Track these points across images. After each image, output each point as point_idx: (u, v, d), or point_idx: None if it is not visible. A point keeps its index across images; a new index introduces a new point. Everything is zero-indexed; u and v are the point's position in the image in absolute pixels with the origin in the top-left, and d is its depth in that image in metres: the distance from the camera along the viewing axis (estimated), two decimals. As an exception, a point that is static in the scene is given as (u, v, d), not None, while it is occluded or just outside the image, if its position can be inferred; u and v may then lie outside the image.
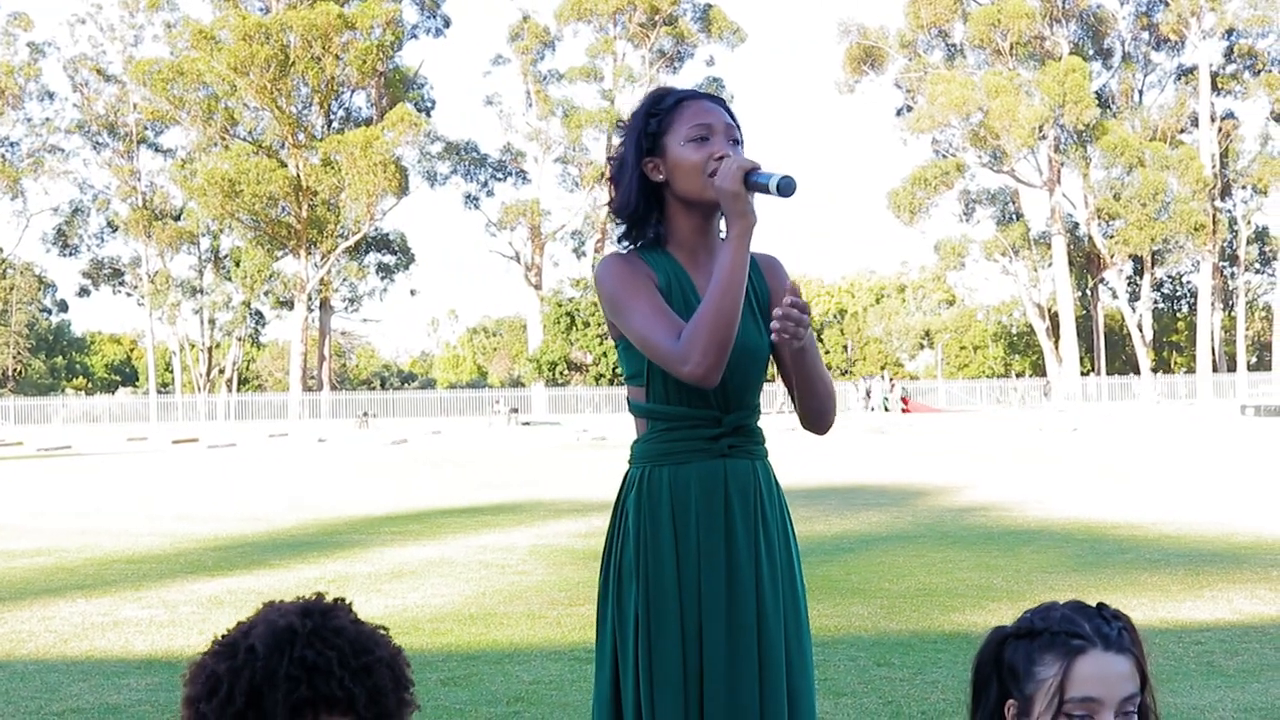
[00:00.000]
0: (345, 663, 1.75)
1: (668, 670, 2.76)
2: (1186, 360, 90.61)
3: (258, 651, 1.74)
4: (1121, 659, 2.07)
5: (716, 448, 2.85)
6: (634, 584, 2.82)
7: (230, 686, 1.73)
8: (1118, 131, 75.33)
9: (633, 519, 2.85)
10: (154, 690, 6.31)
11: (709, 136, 2.84)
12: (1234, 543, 11.29)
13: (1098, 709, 2.04)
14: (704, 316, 2.69)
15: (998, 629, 2.22)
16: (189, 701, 1.80)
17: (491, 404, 68.24)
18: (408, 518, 15.07)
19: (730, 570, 2.79)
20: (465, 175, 78.19)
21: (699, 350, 2.67)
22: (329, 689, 1.72)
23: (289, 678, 1.72)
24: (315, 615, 1.81)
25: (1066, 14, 78.21)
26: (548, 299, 76.47)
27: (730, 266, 2.70)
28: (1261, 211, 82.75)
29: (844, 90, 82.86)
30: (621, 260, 2.91)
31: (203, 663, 1.80)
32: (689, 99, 2.91)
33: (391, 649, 1.84)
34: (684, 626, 2.77)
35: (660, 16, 76.68)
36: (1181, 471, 20.77)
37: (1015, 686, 2.13)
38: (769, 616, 2.80)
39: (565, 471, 23.51)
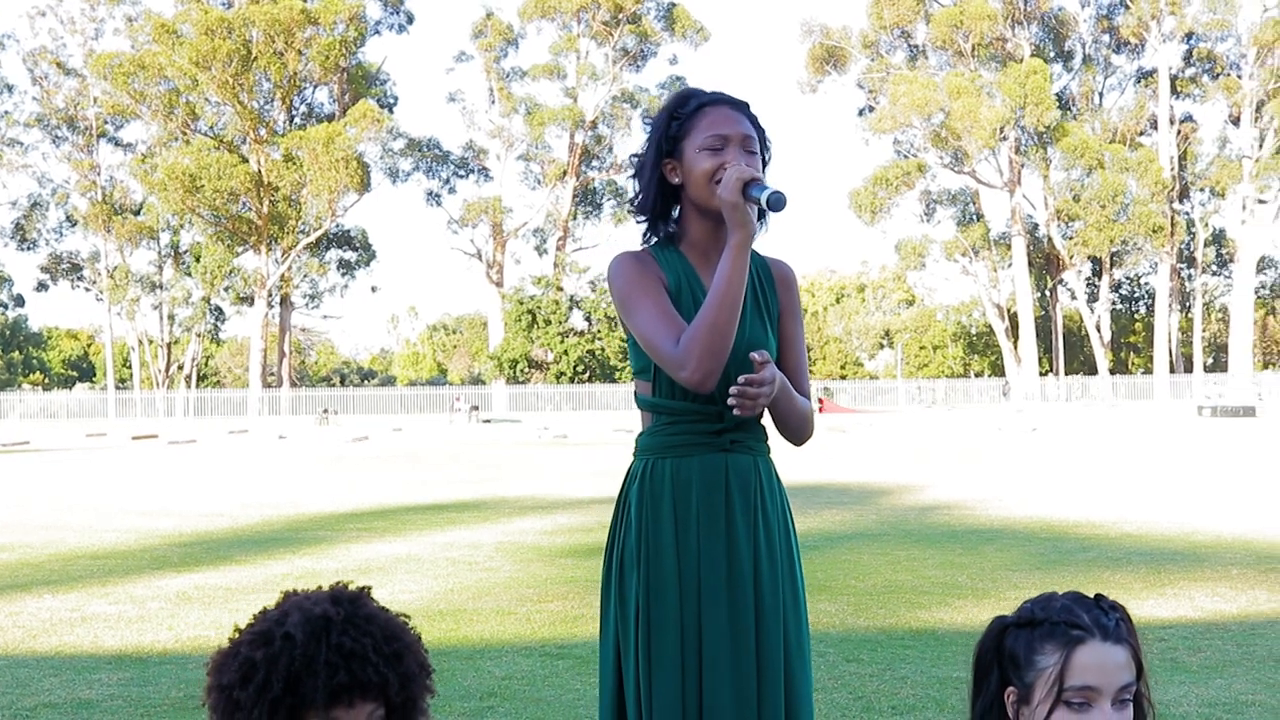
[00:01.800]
0: (379, 649, 1.80)
1: (666, 659, 2.80)
2: (1144, 361, 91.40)
3: (295, 639, 1.78)
4: (1119, 649, 2.13)
5: (719, 442, 2.90)
6: (635, 574, 2.87)
7: (267, 673, 1.76)
8: (1078, 133, 75.84)
9: (635, 510, 2.90)
10: (125, 685, 6.30)
11: (723, 147, 2.88)
12: (1194, 541, 11.42)
13: (1096, 697, 2.09)
14: (700, 325, 2.74)
15: (999, 618, 2.27)
16: (221, 689, 1.83)
17: (452, 401, 68.12)
18: (372, 514, 15.06)
19: (730, 563, 2.84)
20: (427, 172, 78.10)
21: (695, 357, 2.73)
22: (365, 675, 1.77)
23: (328, 664, 1.76)
24: (345, 603, 1.85)
25: (1028, 16, 78.70)
26: (509, 296, 76.39)
27: (728, 277, 2.76)
28: (1219, 214, 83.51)
29: (806, 90, 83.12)
30: (633, 259, 2.97)
31: (235, 650, 1.83)
32: (711, 104, 2.95)
33: (415, 635, 1.89)
34: (683, 616, 2.82)
35: (624, 15, 76.71)
36: (1140, 471, 20.96)
37: (1016, 675, 2.18)
38: (767, 609, 2.84)
39: (528, 469, 23.52)
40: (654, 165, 2.97)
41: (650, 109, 79.51)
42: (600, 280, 77.39)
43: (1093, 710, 2.09)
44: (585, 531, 12.97)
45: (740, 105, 2.98)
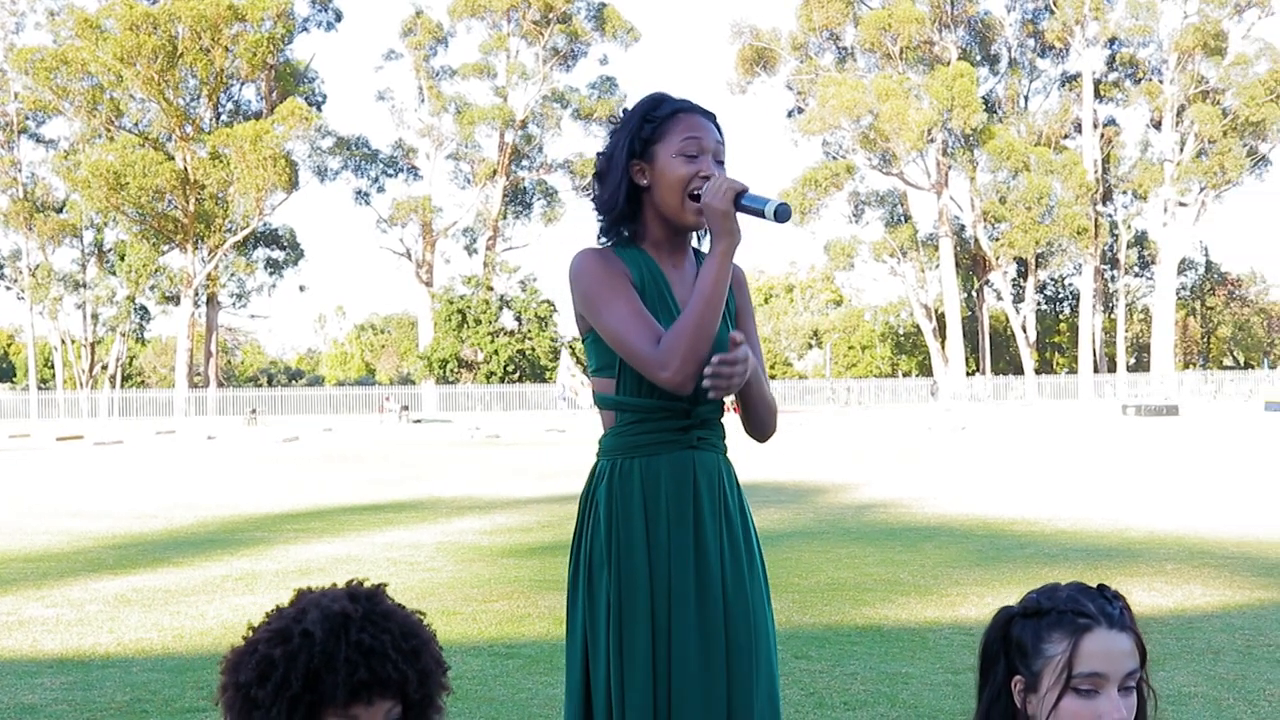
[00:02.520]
0: (398, 646, 1.79)
1: (637, 656, 2.81)
2: (1068, 361, 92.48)
3: (314, 636, 1.76)
4: (1124, 636, 2.17)
5: (686, 439, 2.91)
6: (605, 572, 2.87)
7: (286, 671, 1.75)
8: (1004, 136, 76.68)
9: (604, 509, 2.90)
10: (69, 689, 6.22)
11: (698, 154, 2.90)
12: (1127, 538, 11.59)
13: (1103, 683, 2.13)
14: (685, 328, 2.76)
15: (1004, 609, 2.31)
16: (238, 687, 1.81)
17: (381, 401, 67.73)
18: (308, 515, 14.95)
19: (699, 561, 2.85)
20: (356, 171, 77.64)
21: (678, 359, 2.74)
22: (385, 672, 1.76)
23: (348, 661, 1.74)
24: (363, 600, 1.84)
25: (955, 20, 79.44)
26: (439, 296, 76.04)
27: (713, 281, 2.78)
28: (1141, 216, 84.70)
29: (736, 91, 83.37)
30: (598, 256, 2.95)
31: (252, 648, 1.82)
32: (685, 111, 2.96)
33: (430, 632, 1.88)
34: (654, 614, 2.82)
35: (554, 14, 76.60)
36: (1069, 470, 21.23)
37: (1023, 663, 2.22)
38: (734, 605, 2.86)
39: (462, 469, 23.44)
40: (623, 166, 2.96)
41: (580, 108, 79.58)
42: (530, 280, 77.25)
43: (1100, 696, 2.13)
44: (525, 531, 12.96)
45: (710, 115, 3.01)
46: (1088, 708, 2.13)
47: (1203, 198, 78.82)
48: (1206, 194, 78.52)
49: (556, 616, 7.97)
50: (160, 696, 6.02)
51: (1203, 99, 77.14)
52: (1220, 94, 77.42)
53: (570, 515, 14.49)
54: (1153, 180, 78.72)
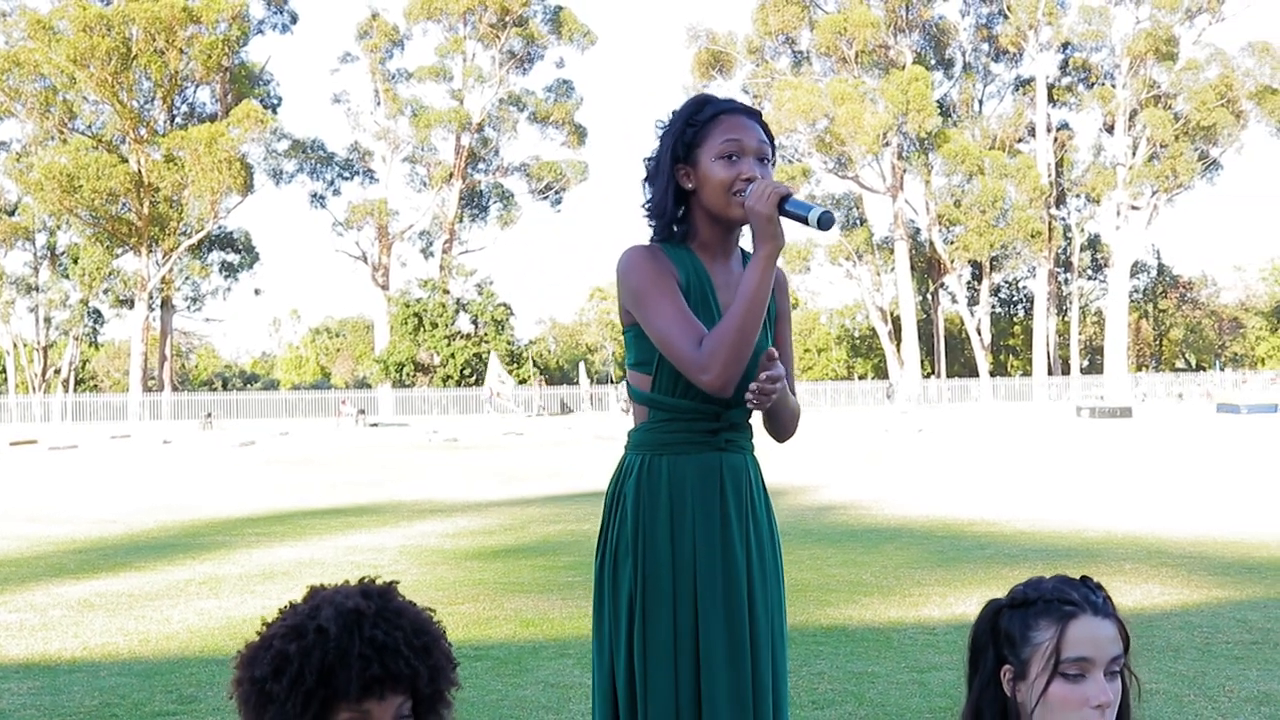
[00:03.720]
0: (409, 642, 1.82)
1: (659, 647, 2.86)
2: (1022, 363, 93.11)
3: (329, 632, 1.80)
4: (1108, 623, 2.25)
5: (715, 441, 2.96)
6: (629, 562, 2.93)
7: (301, 665, 1.78)
8: (958, 140, 77.12)
9: (631, 503, 2.95)
10: (37, 694, 6.21)
11: (738, 155, 2.94)
12: (1085, 539, 11.73)
13: (1090, 668, 2.21)
14: (727, 332, 2.80)
15: (992, 601, 2.38)
16: (253, 682, 1.84)
17: (338, 405, 67.45)
18: (269, 519, 14.91)
19: (725, 558, 2.90)
20: (311, 174, 77.22)
21: (720, 363, 2.78)
22: (397, 667, 1.80)
23: (361, 656, 1.78)
24: (375, 597, 1.88)
25: (910, 24, 79.88)
26: (395, 299, 75.77)
27: (756, 285, 2.81)
28: (1094, 220, 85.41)
29: (692, 94, 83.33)
30: (647, 254, 2.99)
31: (267, 643, 1.85)
32: (726, 113, 3.00)
33: (440, 629, 1.92)
34: (677, 606, 2.88)
35: (510, 17, 76.49)
36: (1026, 471, 21.41)
37: (1011, 652, 2.29)
38: (758, 604, 2.92)
39: (421, 473, 23.40)
40: (669, 170, 3.01)
41: (537, 111, 79.52)
42: (487, 283, 77.10)
43: (1087, 681, 2.20)
44: (488, 534, 12.98)
45: (754, 114, 3.03)
46: (1075, 692, 2.20)
47: (1155, 201, 79.52)
48: (1158, 198, 79.22)
49: (523, 619, 8.01)
50: (129, 700, 6.02)
51: (1154, 104, 77.85)
52: (1172, 99, 78.15)
53: (531, 518, 14.56)
54: (1105, 184, 79.37)
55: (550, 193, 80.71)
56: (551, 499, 17.16)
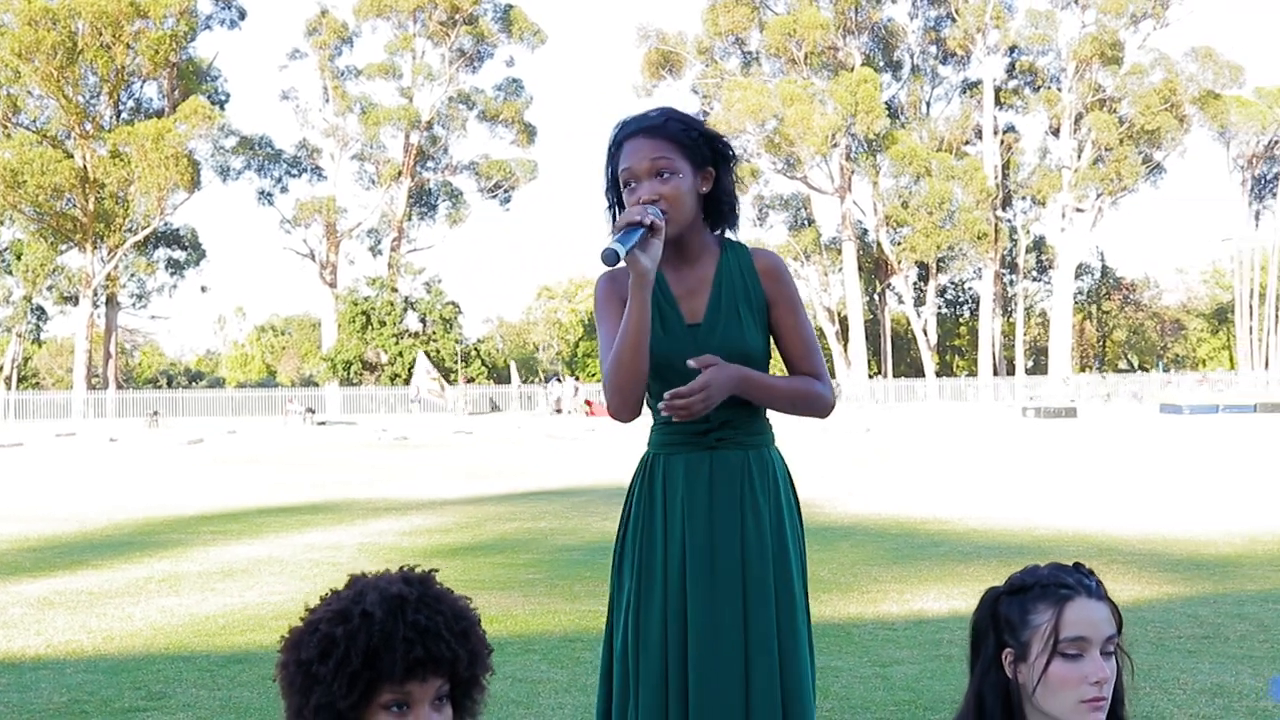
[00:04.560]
0: (450, 626, 1.91)
1: (651, 638, 2.96)
2: (968, 364, 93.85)
3: (374, 616, 1.88)
4: (1102, 605, 2.41)
5: (704, 441, 3.06)
6: (629, 561, 3.03)
7: (347, 648, 1.86)
8: (906, 141, 77.65)
9: (635, 502, 3.10)
10: (4, 691, 6.23)
11: (635, 182, 3.04)
12: (1036, 536, 11.91)
13: (1087, 647, 2.36)
14: (607, 368, 2.95)
15: (990, 589, 2.53)
16: (299, 664, 1.91)
17: (284, 403, 67.08)
18: (224, 517, 14.88)
19: (714, 554, 2.99)
20: (259, 171, 76.81)
21: (608, 391, 2.96)
22: (439, 650, 1.88)
23: (405, 640, 1.86)
24: (416, 583, 1.96)
25: (859, 26, 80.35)
26: (343, 297, 75.46)
27: (626, 320, 2.91)
28: (1039, 222, 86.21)
29: (642, 94, 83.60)
30: (607, 282, 3.14)
31: (313, 627, 1.92)
32: (626, 139, 3.08)
33: (477, 615, 2.00)
34: (668, 604, 2.97)
35: (460, 15, 76.34)
36: (975, 470, 21.62)
37: (1011, 636, 2.43)
38: (754, 596, 2.99)
39: (372, 471, 23.36)
40: (612, 195, 3.15)
41: (486, 110, 79.42)
42: (435, 281, 77.03)
43: (1084, 659, 2.36)
44: (444, 532, 13.02)
45: (653, 129, 3.06)
46: (1074, 670, 2.35)
47: (1099, 204, 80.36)
48: (1103, 200, 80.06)
49: (487, 616, 8.02)
50: (98, 697, 6.04)
51: (1100, 107, 78.65)
52: (1117, 102, 78.99)
53: (487, 516, 14.60)
54: (1051, 186, 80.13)
55: (499, 191, 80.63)
56: (506, 497, 17.21)
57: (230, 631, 7.71)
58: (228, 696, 6.07)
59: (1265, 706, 5.62)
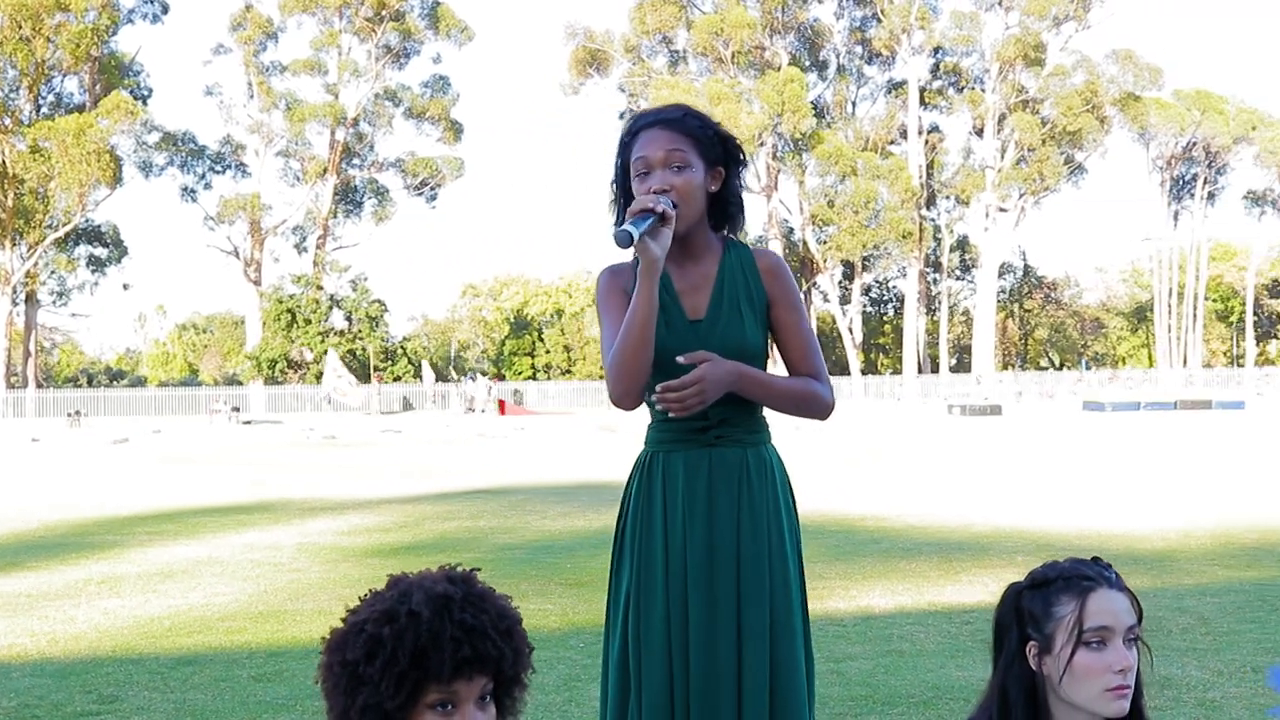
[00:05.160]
0: (495, 625, 1.92)
1: (653, 634, 2.99)
2: (892, 362, 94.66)
3: (421, 616, 1.88)
4: (1122, 596, 2.48)
5: (703, 439, 3.08)
6: (628, 559, 3.04)
7: (394, 648, 1.86)
8: (832, 141, 78.19)
9: (634, 496, 3.12)
10: (-49, 694, 6.14)
11: (648, 171, 3.07)
12: (974, 532, 12.04)
13: (1110, 636, 2.43)
14: (613, 353, 2.96)
15: (1012, 585, 2.61)
16: (343, 664, 1.91)
17: (209, 402, 66.39)
18: (158, 518, 14.70)
19: (712, 551, 3.01)
20: (182, 167, 75.94)
21: (610, 381, 2.97)
22: (485, 649, 1.88)
23: (453, 639, 1.87)
24: (460, 582, 1.96)
25: (785, 26, 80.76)
26: (268, 295, 74.81)
27: (634, 306, 2.94)
28: (963, 221, 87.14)
29: (569, 92, 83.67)
30: (608, 276, 3.18)
31: (358, 628, 1.92)
32: (642, 129, 3.12)
33: (519, 614, 2.01)
34: (669, 601, 2.99)
35: (387, 11, 75.92)
36: (907, 468, 21.82)
37: (1035, 629, 2.50)
38: (749, 593, 3.02)
39: (303, 470, 23.17)
40: (621, 188, 3.16)
41: (413, 107, 79.03)
42: (361, 279, 76.53)
43: (1108, 648, 2.43)
44: (384, 532, 12.95)
45: (670, 121, 3.11)
46: (1099, 659, 2.42)
47: (1022, 204, 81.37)
48: (1026, 200, 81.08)
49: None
50: (48, 702, 5.97)
51: (1023, 108, 79.61)
52: (1039, 103, 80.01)
53: (424, 515, 14.55)
54: (975, 186, 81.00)
55: (425, 189, 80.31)
56: (442, 496, 17.14)
57: (177, 633, 7.64)
58: (181, 699, 6.02)
59: (1213, 698, 5.74)
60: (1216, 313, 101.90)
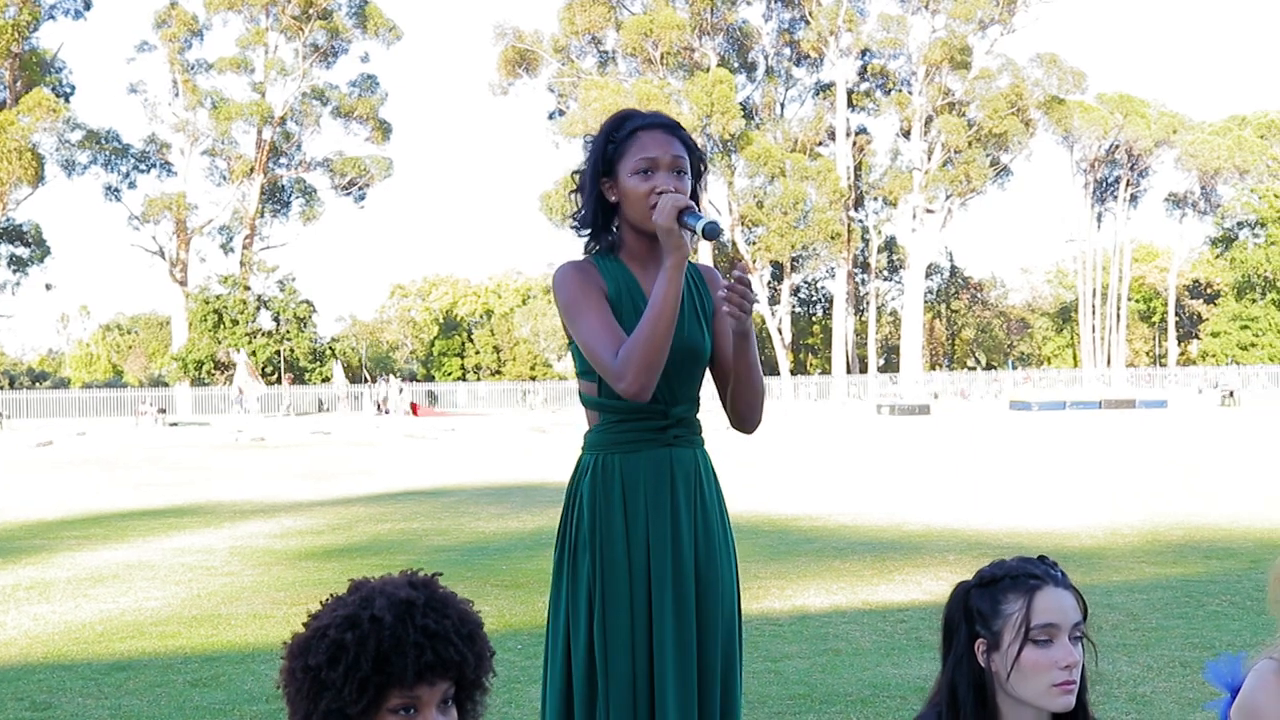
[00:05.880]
0: (458, 630, 1.92)
1: (619, 637, 3.00)
2: (821, 362, 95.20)
3: (384, 621, 1.88)
4: (1068, 594, 2.52)
5: (663, 438, 3.11)
6: (587, 556, 3.05)
7: (357, 654, 1.86)
8: (761, 142, 78.50)
9: (587, 500, 3.09)
10: (-121, 702, 6.04)
11: (652, 170, 3.08)
12: (906, 531, 12.15)
13: (1056, 633, 2.47)
14: (638, 341, 2.94)
15: (961, 583, 2.64)
16: (306, 669, 1.90)
17: (134, 404, 65.59)
18: (87, 521, 14.52)
19: (675, 550, 3.04)
20: (106, 165, 74.93)
21: (632, 370, 2.93)
22: (448, 654, 1.89)
23: (415, 645, 1.87)
24: (422, 587, 1.97)
25: (715, 27, 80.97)
26: (194, 296, 74.02)
27: (664, 296, 2.95)
28: (891, 222, 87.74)
29: (498, 92, 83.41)
30: (576, 270, 3.14)
31: (321, 633, 1.91)
32: (643, 129, 3.14)
33: (480, 619, 2.01)
34: (633, 598, 3.01)
35: (315, 10, 75.39)
36: (838, 468, 21.97)
37: (984, 626, 2.54)
38: (707, 592, 3.07)
39: (233, 473, 22.97)
40: (593, 184, 3.16)
41: (340, 106, 78.49)
42: (289, 279, 75.91)
43: (1055, 645, 2.47)
44: (316, 534, 12.88)
45: (671, 127, 3.16)
46: (1045, 656, 2.47)
47: (949, 205, 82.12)
48: (952, 201, 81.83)
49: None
50: (-20, 708, 5.90)
51: (949, 110, 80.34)
52: (965, 106, 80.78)
53: (357, 517, 14.47)
54: (902, 188, 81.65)
55: (354, 188, 79.82)
56: (374, 498, 17.06)
57: (110, 639, 7.56)
58: (116, 705, 5.97)
59: (1144, 693, 5.83)
60: (1139, 313, 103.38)
